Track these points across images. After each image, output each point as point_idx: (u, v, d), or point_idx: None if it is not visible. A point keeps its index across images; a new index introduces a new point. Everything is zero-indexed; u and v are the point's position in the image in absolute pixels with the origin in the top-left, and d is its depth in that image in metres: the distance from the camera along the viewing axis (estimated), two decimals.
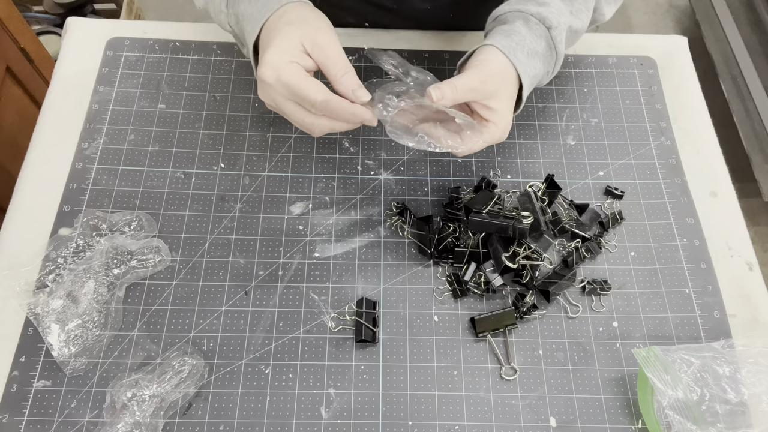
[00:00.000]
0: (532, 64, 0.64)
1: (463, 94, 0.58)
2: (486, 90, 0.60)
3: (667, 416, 0.59)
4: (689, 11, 2.20)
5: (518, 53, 0.63)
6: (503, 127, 0.62)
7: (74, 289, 0.67)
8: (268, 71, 0.51)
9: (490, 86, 0.60)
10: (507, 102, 0.62)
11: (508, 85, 0.62)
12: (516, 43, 0.63)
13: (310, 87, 0.52)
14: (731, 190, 0.80)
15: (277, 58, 0.51)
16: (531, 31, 0.64)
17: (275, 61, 0.51)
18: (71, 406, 0.63)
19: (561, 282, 0.70)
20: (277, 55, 0.51)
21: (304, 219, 0.75)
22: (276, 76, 0.52)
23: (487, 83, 0.60)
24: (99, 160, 0.77)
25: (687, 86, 0.87)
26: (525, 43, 0.63)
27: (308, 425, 0.63)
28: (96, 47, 0.85)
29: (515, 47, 0.63)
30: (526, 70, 0.63)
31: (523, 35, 0.64)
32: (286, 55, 0.52)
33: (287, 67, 0.51)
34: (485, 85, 0.60)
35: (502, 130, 0.62)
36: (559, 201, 0.76)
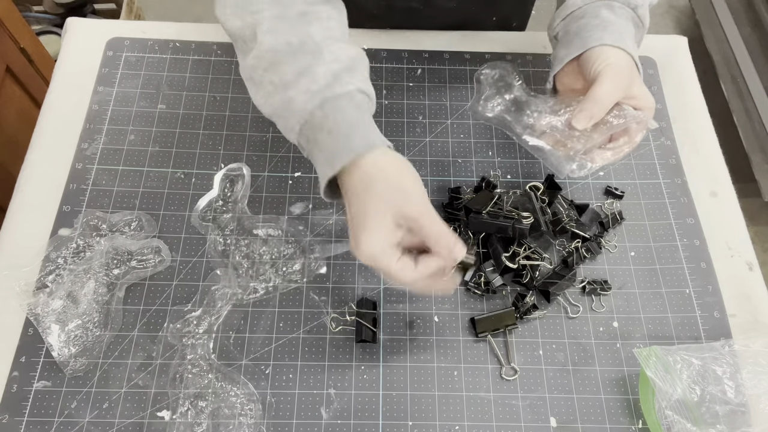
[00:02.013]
0: (634, 46, 0.65)
1: (606, 105, 0.60)
2: (624, 86, 0.61)
3: (667, 417, 0.59)
4: (689, 11, 2.19)
5: (627, 40, 0.63)
6: (652, 102, 0.63)
7: (74, 289, 0.67)
8: (365, 257, 0.53)
9: (625, 81, 0.61)
10: (642, 83, 0.63)
11: (633, 71, 0.63)
12: (619, 33, 0.63)
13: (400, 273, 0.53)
14: (731, 190, 0.80)
15: (373, 248, 0.52)
16: (619, 16, 0.65)
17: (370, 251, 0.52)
18: (71, 407, 0.63)
19: (561, 282, 0.70)
20: (373, 244, 0.52)
21: (304, 219, 0.75)
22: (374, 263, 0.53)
23: (621, 80, 0.61)
24: (99, 160, 0.77)
25: (687, 86, 0.87)
26: (623, 30, 0.64)
27: (308, 425, 0.63)
28: (96, 47, 0.85)
29: (621, 37, 0.63)
30: (635, 53, 0.64)
31: (618, 23, 0.64)
32: (379, 242, 0.52)
33: (382, 256, 0.52)
34: (621, 82, 0.61)
35: (653, 104, 0.63)
36: (559, 201, 0.76)
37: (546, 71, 0.86)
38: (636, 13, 0.66)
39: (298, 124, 0.56)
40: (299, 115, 0.55)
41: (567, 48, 0.65)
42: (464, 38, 0.90)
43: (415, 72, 0.86)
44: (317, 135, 0.55)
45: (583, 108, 0.60)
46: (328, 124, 0.54)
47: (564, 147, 0.63)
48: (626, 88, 0.61)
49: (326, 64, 0.56)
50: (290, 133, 0.57)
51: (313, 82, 0.55)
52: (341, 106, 0.55)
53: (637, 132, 0.63)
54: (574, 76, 0.66)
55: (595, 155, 0.62)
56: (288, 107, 0.56)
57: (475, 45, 0.89)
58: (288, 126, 0.57)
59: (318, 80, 0.55)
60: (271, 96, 0.57)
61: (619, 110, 0.62)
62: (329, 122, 0.54)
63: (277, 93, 0.57)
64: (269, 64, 0.56)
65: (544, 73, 0.86)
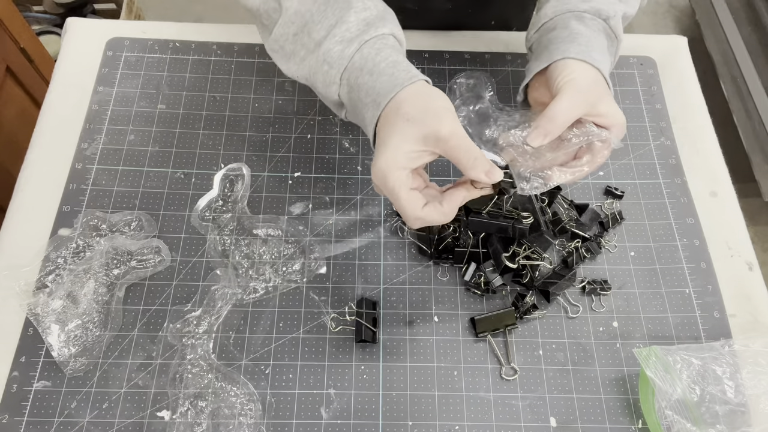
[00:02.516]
0: (604, 59, 0.62)
1: (562, 122, 0.57)
2: (584, 103, 0.58)
3: (667, 417, 0.59)
4: (689, 11, 2.19)
5: (593, 53, 0.61)
6: (622, 120, 0.60)
7: (74, 289, 0.67)
8: (378, 173, 0.53)
9: (592, 96, 0.59)
10: (611, 99, 0.61)
11: (601, 86, 0.61)
12: (585, 45, 0.61)
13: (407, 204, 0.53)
14: (731, 190, 0.80)
15: (388, 164, 0.52)
16: (589, 27, 0.63)
17: (385, 167, 0.52)
18: (71, 407, 0.63)
19: (561, 282, 0.70)
20: (389, 161, 0.52)
21: (304, 219, 0.75)
22: (383, 181, 0.53)
23: (580, 97, 0.58)
24: (99, 160, 0.77)
25: (687, 86, 0.87)
26: (591, 42, 0.62)
27: (308, 425, 0.63)
28: (96, 47, 0.85)
29: (587, 50, 0.61)
30: (604, 66, 0.62)
31: (586, 35, 0.62)
32: (396, 161, 0.52)
33: (393, 174, 0.52)
34: (580, 99, 0.58)
35: (623, 122, 0.60)
36: (559, 201, 0.76)
37: None
38: (608, 24, 0.64)
39: (338, 74, 0.56)
40: (338, 64, 0.56)
41: (536, 60, 0.64)
42: (464, 38, 0.90)
43: None
44: (358, 79, 0.56)
45: (538, 125, 0.57)
46: (369, 65, 0.55)
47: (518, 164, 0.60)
48: (588, 104, 0.58)
49: (357, 13, 0.56)
50: (331, 87, 0.57)
51: (347, 30, 0.56)
52: (378, 47, 0.56)
53: (600, 151, 0.60)
54: (542, 89, 0.64)
55: (553, 174, 0.59)
56: (326, 59, 0.56)
57: (475, 45, 0.89)
58: (328, 79, 0.57)
59: (351, 28, 0.56)
60: (304, 59, 0.58)
61: (579, 128, 0.59)
62: (369, 64, 0.55)
63: (312, 53, 0.57)
64: (299, 27, 0.57)
65: None
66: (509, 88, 0.85)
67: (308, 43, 0.57)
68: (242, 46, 0.86)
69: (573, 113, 0.58)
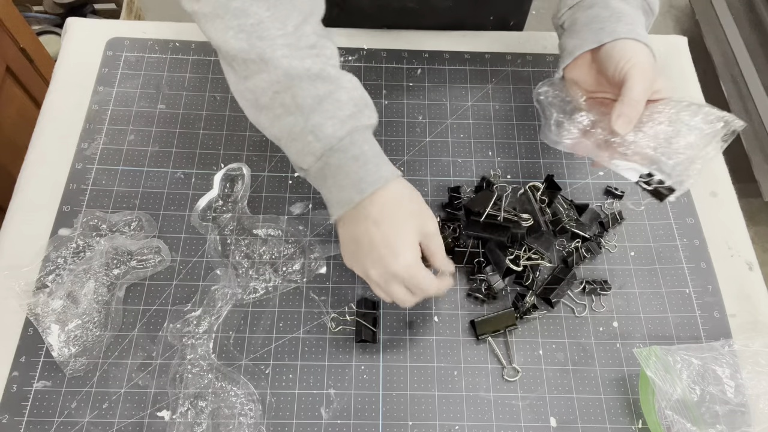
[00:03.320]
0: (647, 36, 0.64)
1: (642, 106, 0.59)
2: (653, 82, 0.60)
3: (667, 417, 0.59)
4: (689, 11, 2.19)
5: (640, 31, 0.62)
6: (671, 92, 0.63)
7: (74, 289, 0.67)
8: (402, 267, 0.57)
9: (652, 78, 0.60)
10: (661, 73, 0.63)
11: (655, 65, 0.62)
12: (632, 25, 0.62)
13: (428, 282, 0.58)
14: (731, 190, 0.80)
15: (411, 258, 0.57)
16: (630, 5, 0.64)
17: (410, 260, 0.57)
18: (71, 407, 0.63)
19: (561, 286, 0.69)
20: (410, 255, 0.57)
21: (304, 219, 0.75)
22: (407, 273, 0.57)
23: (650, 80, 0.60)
24: (99, 160, 0.77)
25: (687, 86, 0.87)
26: (636, 21, 0.63)
27: (308, 425, 0.63)
28: (96, 47, 0.85)
29: (633, 29, 0.62)
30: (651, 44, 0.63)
31: (630, 14, 0.63)
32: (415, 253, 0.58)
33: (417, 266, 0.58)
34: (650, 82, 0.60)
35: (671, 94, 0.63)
36: (559, 201, 0.76)
37: (547, 71, 0.87)
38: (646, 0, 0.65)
39: (321, 150, 0.56)
40: (326, 141, 0.56)
41: (578, 39, 0.64)
42: (464, 38, 0.90)
43: (415, 72, 0.86)
44: (341, 161, 0.56)
45: (621, 113, 0.59)
46: (355, 151, 0.56)
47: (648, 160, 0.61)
48: (653, 83, 0.60)
49: (348, 92, 0.57)
50: (307, 157, 0.58)
51: (339, 109, 0.56)
52: (367, 137, 0.58)
53: None
54: (585, 68, 0.65)
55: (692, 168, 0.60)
56: (313, 132, 0.56)
57: (474, 45, 0.89)
58: (307, 150, 0.57)
59: (343, 108, 0.56)
60: (279, 118, 0.57)
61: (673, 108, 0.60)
62: (356, 149, 0.57)
63: (292, 116, 0.56)
64: (282, 88, 0.56)
65: (544, 74, 0.86)
66: (509, 88, 0.85)
67: (290, 105, 0.56)
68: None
69: (647, 95, 0.60)
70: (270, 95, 0.57)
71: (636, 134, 0.60)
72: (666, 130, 0.59)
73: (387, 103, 0.83)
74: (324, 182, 0.58)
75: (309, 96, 0.56)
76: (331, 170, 0.57)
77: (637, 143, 0.59)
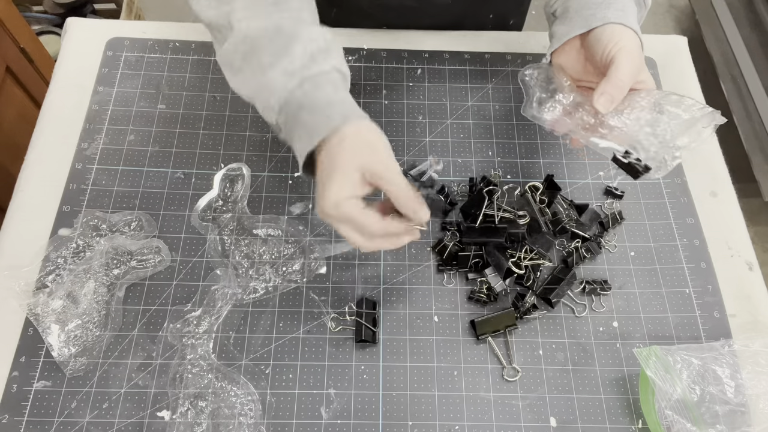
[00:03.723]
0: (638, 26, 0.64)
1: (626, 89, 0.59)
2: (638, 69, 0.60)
3: (667, 417, 0.59)
4: (689, 11, 2.19)
5: (630, 18, 0.62)
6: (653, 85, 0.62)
7: (74, 289, 0.67)
8: (330, 205, 0.55)
9: (638, 65, 0.60)
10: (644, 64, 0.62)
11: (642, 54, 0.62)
12: (622, 11, 0.62)
13: (367, 221, 0.55)
14: (731, 190, 0.80)
15: (339, 194, 0.55)
16: None
17: (336, 198, 0.54)
18: (71, 407, 0.63)
19: (561, 286, 0.70)
20: (338, 192, 0.55)
21: (304, 219, 0.75)
22: (338, 211, 0.55)
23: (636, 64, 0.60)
24: (99, 160, 0.77)
25: (687, 86, 0.87)
26: (627, 8, 0.63)
27: (308, 425, 0.63)
28: (96, 47, 0.85)
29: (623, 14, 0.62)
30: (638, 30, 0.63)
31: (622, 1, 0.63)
32: (345, 191, 0.55)
33: (346, 203, 0.55)
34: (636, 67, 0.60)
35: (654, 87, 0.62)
36: (559, 201, 0.76)
37: None
38: None
39: (278, 104, 0.57)
40: (279, 95, 0.57)
41: (568, 25, 0.64)
42: (464, 38, 0.90)
43: (415, 72, 0.86)
44: (297, 113, 0.57)
45: (604, 91, 0.58)
46: (308, 102, 0.56)
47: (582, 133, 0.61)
48: (639, 70, 0.60)
49: (303, 44, 0.57)
50: (269, 113, 0.59)
51: (290, 62, 0.57)
52: (319, 83, 0.57)
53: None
54: (574, 54, 0.65)
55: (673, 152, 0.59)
56: (268, 87, 0.57)
57: (474, 45, 0.89)
58: (268, 106, 0.58)
59: (295, 61, 0.57)
60: (248, 80, 0.59)
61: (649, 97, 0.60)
62: (308, 100, 0.56)
63: (255, 77, 0.58)
64: (246, 50, 0.58)
65: None
66: (509, 88, 0.85)
67: (255, 65, 0.58)
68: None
69: (632, 79, 0.59)
70: (240, 58, 0.58)
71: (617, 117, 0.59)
72: (648, 116, 0.59)
73: (387, 103, 0.83)
74: (290, 139, 0.59)
75: (269, 54, 0.57)
76: (290, 124, 0.58)
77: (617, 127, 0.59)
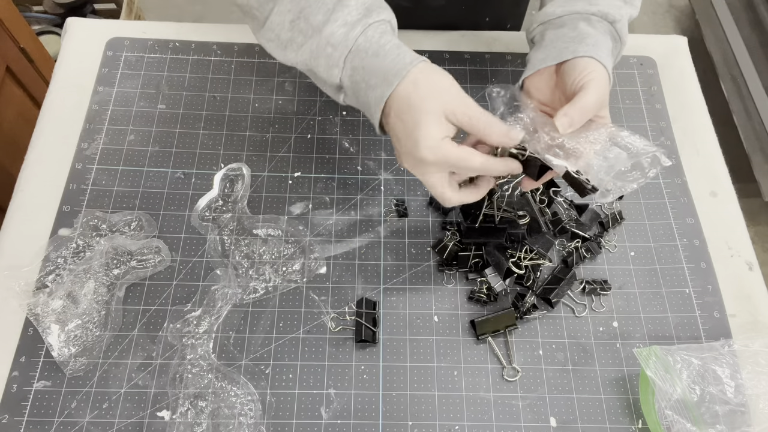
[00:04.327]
0: (609, 62, 0.64)
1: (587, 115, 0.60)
2: (602, 102, 0.61)
3: (667, 417, 0.59)
4: (689, 11, 2.20)
5: (601, 53, 0.63)
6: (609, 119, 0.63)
7: (74, 289, 0.67)
8: (428, 152, 0.55)
9: (604, 97, 0.61)
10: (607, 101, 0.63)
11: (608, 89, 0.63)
12: (593, 46, 0.63)
13: (469, 156, 0.56)
14: (731, 190, 0.80)
15: (434, 138, 0.55)
16: (597, 29, 0.65)
17: (433, 141, 0.55)
18: (71, 407, 0.63)
19: (561, 286, 0.70)
20: (433, 135, 0.55)
21: (304, 219, 0.75)
22: (436, 155, 0.56)
23: (602, 96, 0.60)
24: (99, 160, 0.77)
25: (687, 86, 0.87)
26: (599, 44, 0.64)
27: (308, 425, 0.63)
28: (96, 47, 0.85)
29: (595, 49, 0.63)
30: (609, 68, 0.64)
31: (594, 36, 0.64)
32: (439, 132, 0.55)
33: (444, 145, 0.55)
34: (602, 98, 0.60)
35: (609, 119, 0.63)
36: (559, 201, 0.76)
37: None
38: (614, 27, 0.66)
39: (342, 56, 0.58)
40: (343, 46, 0.57)
41: (542, 53, 0.65)
42: (464, 38, 0.90)
43: None
44: (364, 61, 0.57)
45: (566, 113, 0.59)
46: (374, 48, 0.57)
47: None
48: (603, 103, 0.61)
49: None
50: (333, 70, 0.59)
51: (348, 14, 0.57)
52: (381, 30, 0.58)
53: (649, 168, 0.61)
54: (545, 78, 0.65)
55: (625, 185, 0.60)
56: (330, 42, 0.58)
57: (474, 45, 0.89)
58: (331, 62, 0.58)
59: (352, 12, 0.58)
60: (303, 45, 0.59)
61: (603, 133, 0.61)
62: (374, 46, 0.57)
63: (311, 38, 0.58)
64: (295, 14, 0.58)
65: None
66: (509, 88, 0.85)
67: (306, 28, 0.59)
68: (242, 46, 0.86)
69: (595, 109, 0.60)
70: (288, 26, 0.59)
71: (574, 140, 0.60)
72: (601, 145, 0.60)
73: None
74: (359, 92, 0.59)
75: (320, 13, 0.58)
76: (359, 74, 0.58)
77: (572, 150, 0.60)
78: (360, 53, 0.57)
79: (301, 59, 0.60)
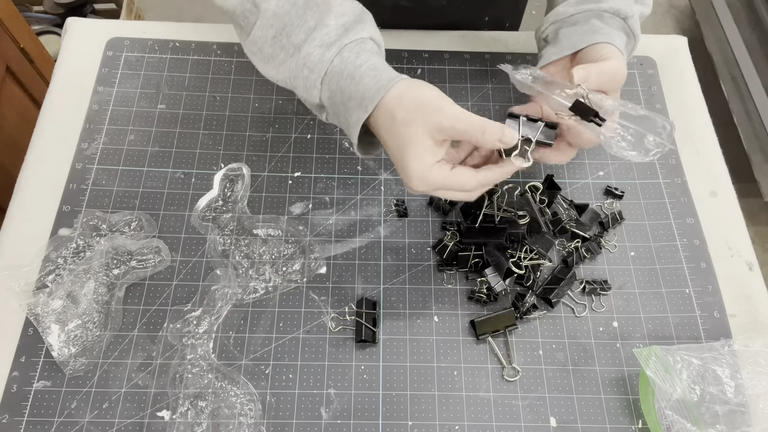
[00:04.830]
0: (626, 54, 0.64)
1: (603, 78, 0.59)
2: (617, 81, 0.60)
3: (667, 417, 0.59)
4: (689, 11, 2.20)
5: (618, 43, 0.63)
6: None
7: (74, 289, 0.67)
8: (418, 182, 0.54)
9: (620, 78, 0.60)
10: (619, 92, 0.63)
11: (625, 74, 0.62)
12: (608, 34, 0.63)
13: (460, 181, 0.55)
14: (731, 190, 0.80)
15: (421, 168, 0.54)
16: (609, 25, 0.65)
17: (420, 171, 0.54)
18: (71, 407, 0.63)
19: (561, 286, 0.70)
20: (420, 165, 0.54)
21: (304, 219, 0.75)
22: (427, 184, 0.54)
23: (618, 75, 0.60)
24: (99, 160, 0.77)
25: (687, 86, 0.87)
26: (613, 36, 0.64)
27: (308, 425, 0.63)
28: (96, 47, 0.85)
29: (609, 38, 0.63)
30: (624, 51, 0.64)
31: (608, 30, 0.64)
32: (425, 161, 0.54)
33: (432, 173, 0.54)
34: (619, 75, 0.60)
35: None
36: (558, 201, 0.76)
37: None
38: (626, 23, 0.66)
39: (319, 78, 0.57)
40: (319, 68, 0.56)
41: (557, 47, 0.66)
42: (464, 38, 0.90)
43: (415, 72, 0.86)
44: (340, 83, 0.56)
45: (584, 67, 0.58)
46: (349, 69, 0.56)
47: None
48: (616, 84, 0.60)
49: (336, 17, 0.57)
50: (312, 91, 0.58)
51: (326, 34, 0.56)
52: (358, 51, 0.56)
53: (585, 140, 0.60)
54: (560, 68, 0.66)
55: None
56: (306, 64, 0.56)
57: (474, 45, 0.89)
58: (308, 84, 0.57)
59: (331, 32, 0.56)
60: (284, 62, 0.58)
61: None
62: (350, 68, 0.56)
63: (291, 57, 0.57)
64: (277, 30, 0.57)
65: None
66: (509, 88, 0.85)
67: (287, 46, 0.57)
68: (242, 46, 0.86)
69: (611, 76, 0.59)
70: (270, 42, 0.58)
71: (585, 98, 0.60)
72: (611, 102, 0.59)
73: None
74: (338, 114, 0.58)
75: (301, 32, 0.56)
76: (337, 96, 0.57)
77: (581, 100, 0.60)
78: (335, 76, 0.56)
79: (282, 77, 0.59)
